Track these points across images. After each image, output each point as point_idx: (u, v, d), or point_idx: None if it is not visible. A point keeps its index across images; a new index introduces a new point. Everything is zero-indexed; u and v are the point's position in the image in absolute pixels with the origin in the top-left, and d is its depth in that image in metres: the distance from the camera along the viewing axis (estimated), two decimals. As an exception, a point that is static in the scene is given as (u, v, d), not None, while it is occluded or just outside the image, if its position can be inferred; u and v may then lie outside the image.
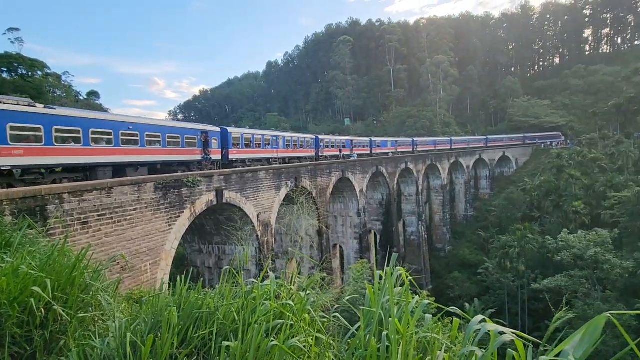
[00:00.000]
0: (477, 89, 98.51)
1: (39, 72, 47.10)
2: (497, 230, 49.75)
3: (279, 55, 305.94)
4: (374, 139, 46.82)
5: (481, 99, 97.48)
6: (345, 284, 27.88)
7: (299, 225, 21.78)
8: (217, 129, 22.17)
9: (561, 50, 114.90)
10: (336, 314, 3.15)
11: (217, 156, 21.57)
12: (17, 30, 54.66)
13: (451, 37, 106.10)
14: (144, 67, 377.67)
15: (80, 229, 10.63)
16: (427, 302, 2.78)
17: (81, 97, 56.18)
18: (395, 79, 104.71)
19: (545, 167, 58.94)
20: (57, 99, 45.72)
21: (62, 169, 13.28)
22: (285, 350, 2.34)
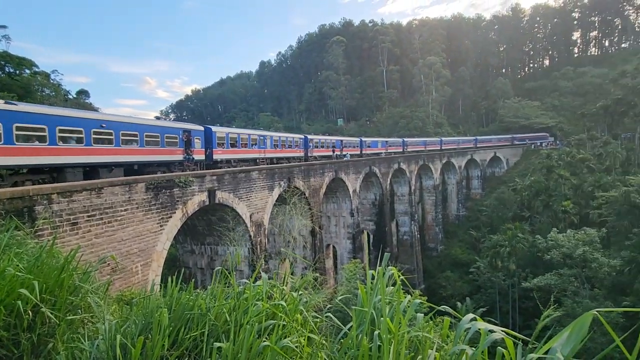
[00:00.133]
0: (469, 90, 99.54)
1: (27, 71, 46.25)
2: (488, 229, 50.30)
3: (272, 55, 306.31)
4: (364, 139, 46.38)
5: (473, 100, 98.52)
6: (338, 284, 27.93)
7: (291, 225, 21.75)
8: (201, 128, 21.31)
9: (550, 52, 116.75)
10: (329, 314, 3.15)
11: (200, 156, 20.75)
12: (4, 27, 53.58)
13: (443, 38, 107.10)
14: (135, 66, 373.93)
15: (69, 230, 10.46)
16: (418, 302, 2.81)
17: (70, 96, 55.32)
18: (388, 80, 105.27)
19: (535, 167, 59.80)
20: (45, 97, 44.94)
21: (27, 170, 12.35)
22: (277, 350, 2.34)
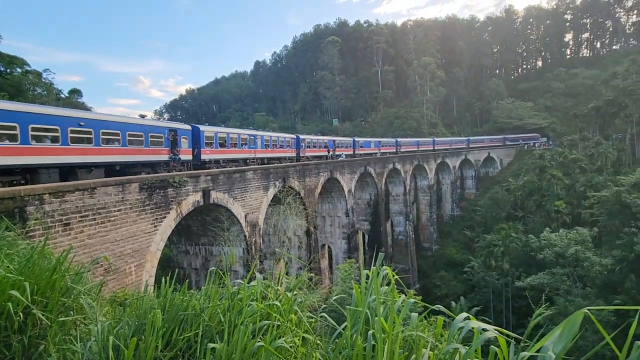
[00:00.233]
0: (463, 90, 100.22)
1: (18, 69, 45.60)
2: (482, 229, 50.68)
3: (267, 55, 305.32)
4: (357, 139, 46.05)
5: (467, 101, 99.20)
6: (333, 284, 27.95)
7: (286, 225, 21.72)
8: (188, 127, 20.69)
9: (543, 53, 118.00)
10: (323, 314, 3.15)
11: (187, 156, 20.08)
12: (-6, 25, 52.71)
13: (437, 39, 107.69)
14: (129, 65, 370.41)
15: (61, 231, 10.35)
16: (412, 301, 2.82)
17: (63, 95, 54.67)
18: (382, 80, 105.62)
19: (528, 167, 60.35)
20: (37, 96, 44.37)
21: None
22: (271, 350, 2.33)
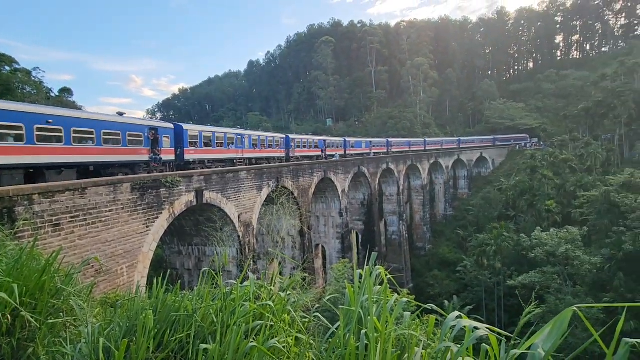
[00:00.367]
0: (456, 91, 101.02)
1: (7, 68, 44.83)
2: (475, 229, 51.13)
3: (260, 54, 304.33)
4: (348, 139, 45.77)
5: (459, 101, 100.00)
6: (327, 283, 27.97)
7: (280, 225, 21.67)
8: (170, 126, 19.91)
9: (534, 55, 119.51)
10: (317, 314, 3.15)
11: (169, 156, 19.25)
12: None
13: (431, 40, 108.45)
14: (121, 64, 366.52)
15: (51, 232, 10.20)
16: (405, 300, 2.83)
17: (53, 94, 53.86)
18: (376, 80, 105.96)
19: (520, 167, 61.02)
20: (27, 95, 43.67)
21: None
22: (264, 351, 2.33)
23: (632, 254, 31.33)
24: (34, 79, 48.10)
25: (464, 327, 2.29)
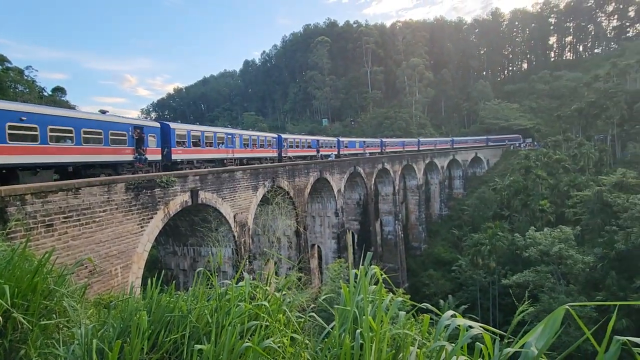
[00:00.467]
0: (451, 91, 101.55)
1: (-1, 66, 44.33)
2: (469, 228, 51.43)
3: (256, 54, 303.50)
4: (341, 139, 45.59)
5: (455, 102, 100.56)
6: (322, 283, 27.99)
7: (275, 225, 21.63)
8: (156, 125, 19.23)
9: (529, 56, 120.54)
10: (312, 314, 3.16)
11: (155, 156, 18.58)
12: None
13: (426, 40, 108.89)
14: (115, 63, 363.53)
15: (44, 232, 10.09)
16: (400, 300, 2.84)
17: (46, 93, 53.30)
18: (372, 81, 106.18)
19: (514, 167, 61.46)
20: (19, 94, 43.18)
21: None
22: (259, 351, 2.32)
23: (624, 252, 31.74)
24: (26, 77, 47.62)
25: (459, 326, 2.30)
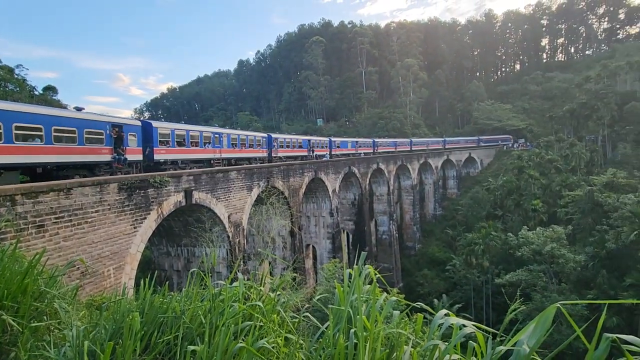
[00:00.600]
0: (445, 92, 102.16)
1: (-12, 65, 43.60)
2: (463, 228, 51.80)
3: (250, 54, 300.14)
4: (333, 139, 45.15)
5: (449, 102, 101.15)
6: (317, 283, 27.99)
7: (270, 226, 21.58)
8: (137, 123, 18.48)
9: (521, 57, 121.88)
10: (307, 314, 3.15)
11: (136, 156, 17.70)
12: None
13: (420, 41, 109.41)
14: (107, 62, 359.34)
15: (35, 233, 9.96)
16: (394, 299, 2.85)
17: (37, 92, 52.59)
18: (366, 81, 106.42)
19: (507, 167, 62.06)
20: (9, 93, 42.53)
21: None
22: (252, 352, 2.32)
23: (614, 251, 32.21)
24: (16, 76, 46.93)
25: (452, 325, 2.32)
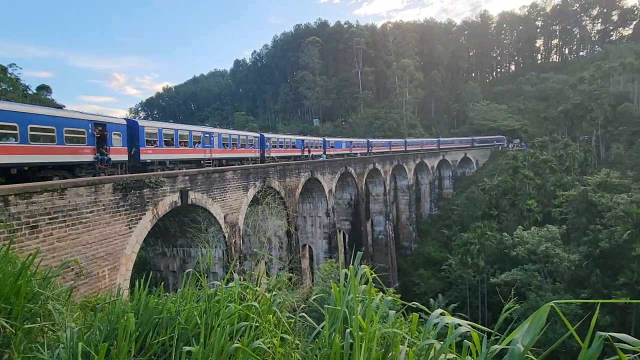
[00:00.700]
0: (441, 92, 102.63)
1: (-19, 64, 43.17)
2: (459, 228, 52.06)
3: (247, 54, 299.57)
4: (327, 139, 44.91)
5: (444, 102, 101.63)
6: (313, 284, 27.99)
7: (266, 226, 21.54)
8: (122, 122, 17.82)
9: (516, 58, 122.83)
10: (303, 314, 3.15)
11: (121, 157, 17.06)
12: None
13: (416, 41, 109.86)
14: (102, 61, 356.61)
15: (28, 234, 9.86)
16: (390, 299, 2.86)
17: (31, 92, 52.09)
18: (363, 81, 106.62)
19: (502, 168, 62.45)
20: (2, 92, 42.10)
21: None
22: (248, 352, 2.31)
23: (608, 251, 32.52)
24: (10, 75, 46.48)
25: (447, 324, 2.33)
